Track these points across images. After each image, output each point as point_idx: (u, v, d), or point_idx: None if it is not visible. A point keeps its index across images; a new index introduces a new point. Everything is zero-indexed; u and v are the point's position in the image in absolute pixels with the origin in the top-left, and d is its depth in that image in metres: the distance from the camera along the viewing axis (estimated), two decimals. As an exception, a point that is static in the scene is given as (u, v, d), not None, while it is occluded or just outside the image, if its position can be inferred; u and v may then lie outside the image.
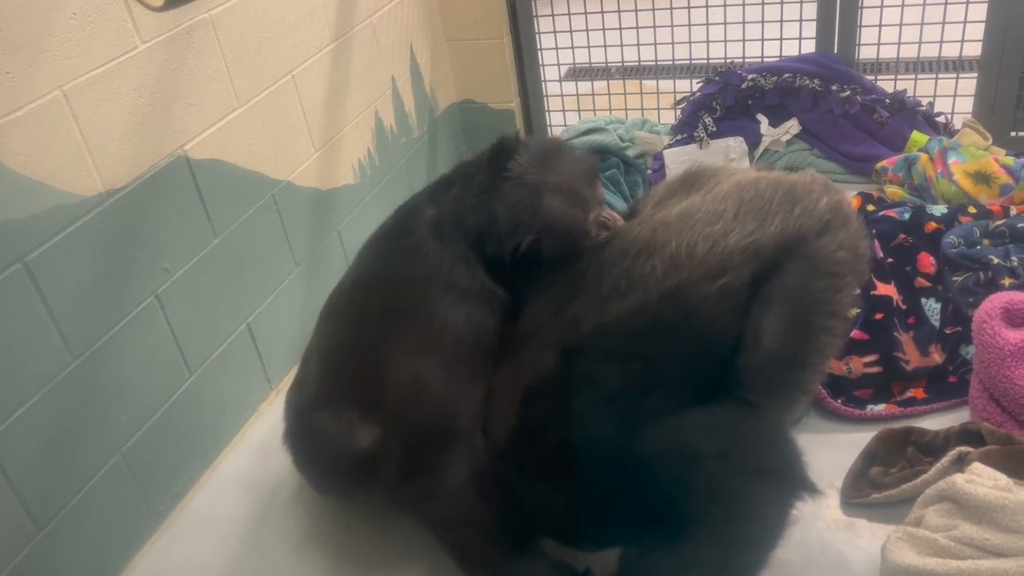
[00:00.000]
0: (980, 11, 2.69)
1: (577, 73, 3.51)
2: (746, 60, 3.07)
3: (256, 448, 2.10)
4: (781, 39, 3.00)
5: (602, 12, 3.09)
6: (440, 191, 1.76)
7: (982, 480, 1.46)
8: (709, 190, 1.46)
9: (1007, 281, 2.03)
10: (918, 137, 2.70)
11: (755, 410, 1.38)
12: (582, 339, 1.40)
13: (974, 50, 2.81)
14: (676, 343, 1.37)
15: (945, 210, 2.30)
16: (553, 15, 3.16)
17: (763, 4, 2.94)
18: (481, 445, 1.54)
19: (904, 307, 2.05)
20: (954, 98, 2.87)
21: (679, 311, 1.34)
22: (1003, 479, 1.48)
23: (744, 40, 3.04)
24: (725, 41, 3.05)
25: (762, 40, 3.02)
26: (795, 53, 3.00)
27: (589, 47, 3.19)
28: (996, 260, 2.07)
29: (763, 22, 2.97)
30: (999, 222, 2.20)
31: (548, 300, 1.53)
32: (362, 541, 1.80)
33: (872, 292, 2.03)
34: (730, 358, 1.36)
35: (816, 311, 1.37)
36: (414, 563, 1.71)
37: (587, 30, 3.15)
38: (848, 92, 2.82)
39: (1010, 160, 2.46)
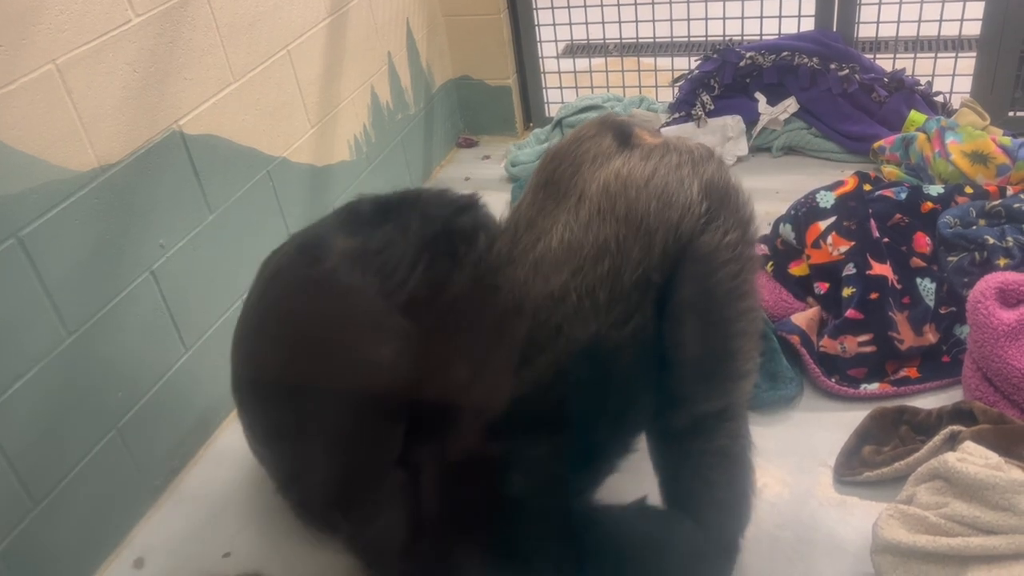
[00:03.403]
0: (980, -10, 2.69)
1: (575, 50, 3.49)
2: (744, 38, 3.06)
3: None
4: (780, 16, 2.99)
5: (600, -12, 3.07)
6: (355, 223, 1.65)
7: (973, 459, 1.47)
8: (578, 207, 1.34)
9: (1002, 261, 2.03)
10: (916, 117, 2.69)
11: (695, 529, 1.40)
12: (503, 414, 1.34)
13: (973, 29, 2.80)
14: (597, 391, 1.34)
15: (942, 190, 2.30)
16: (551, -9, 3.15)
17: (762, -19, 2.92)
18: (398, 484, 1.48)
19: (899, 287, 2.06)
20: (952, 77, 2.86)
21: (597, 364, 1.30)
22: (994, 458, 1.49)
23: (743, 17, 3.02)
24: (724, 18, 3.04)
25: (761, 17, 3.01)
26: (794, 31, 2.99)
27: (587, 23, 3.17)
28: (992, 240, 2.08)
29: (762, -1, 2.96)
30: (995, 202, 2.20)
31: (458, 361, 1.42)
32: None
33: (867, 272, 2.03)
34: (660, 378, 1.34)
35: (724, 303, 1.33)
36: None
37: (585, 6, 3.13)
38: (846, 71, 2.81)
39: (1007, 140, 2.45)
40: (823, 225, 2.14)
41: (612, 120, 1.46)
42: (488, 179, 3.04)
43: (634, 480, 1.49)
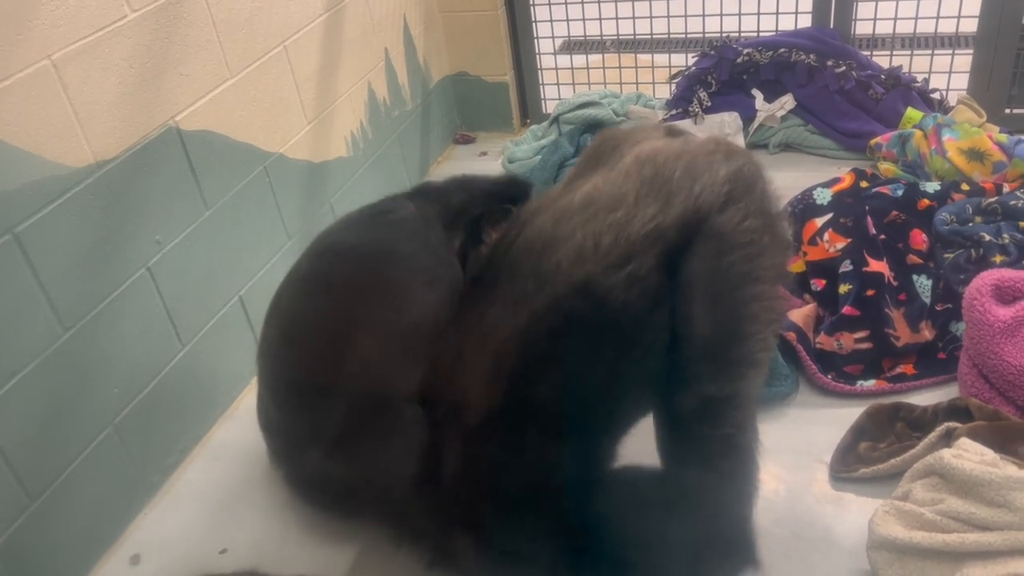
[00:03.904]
0: (977, -13, 2.69)
1: (572, 46, 3.48)
2: (742, 34, 3.06)
3: (249, 420, 2.09)
4: (777, 13, 2.98)
5: (597, -16, 3.07)
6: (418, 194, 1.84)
7: (969, 455, 1.48)
8: (612, 167, 1.42)
9: (998, 258, 2.03)
10: (913, 114, 2.69)
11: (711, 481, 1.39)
12: (501, 346, 1.36)
13: (970, 26, 2.80)
14: (591, 338, 1.34)
15: (938, 187, 2.30)
16: (548, -13, 3.14)
17: (759, -22, 2.92)
18: (418, 419, 1.53)
19: (896, 284, 2.06)
20: (949, 75, 2.87)
21: (589, 304, 1.32)
22: (990, 454, 1.49)
23: (740, 14, 3.02)
24: (721, 15, 3.04)
25: (758, 14, 3.00)
26: (791, 28, 2.99)
27: (584, 20, 3.17)
28: (988, 237, 2.08)
29: (759, -4, 2.95)
30: (991, 199, 2.21)
31: (468, 304, 1.50)
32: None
33: (864, 269, 2.03)
34: (669, 355, 1.35)
35: (737, 283, 1.34)
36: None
37: (582, 2, 3.13)
38: (843, 68, 2.81)
39: (1004, 137, 2.46)
40: (820, 222, 2.15)
41: (669, 124, 1.55)
42: (483, 174, 3.04)
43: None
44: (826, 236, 2.12)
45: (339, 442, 1.57)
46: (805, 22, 2.98)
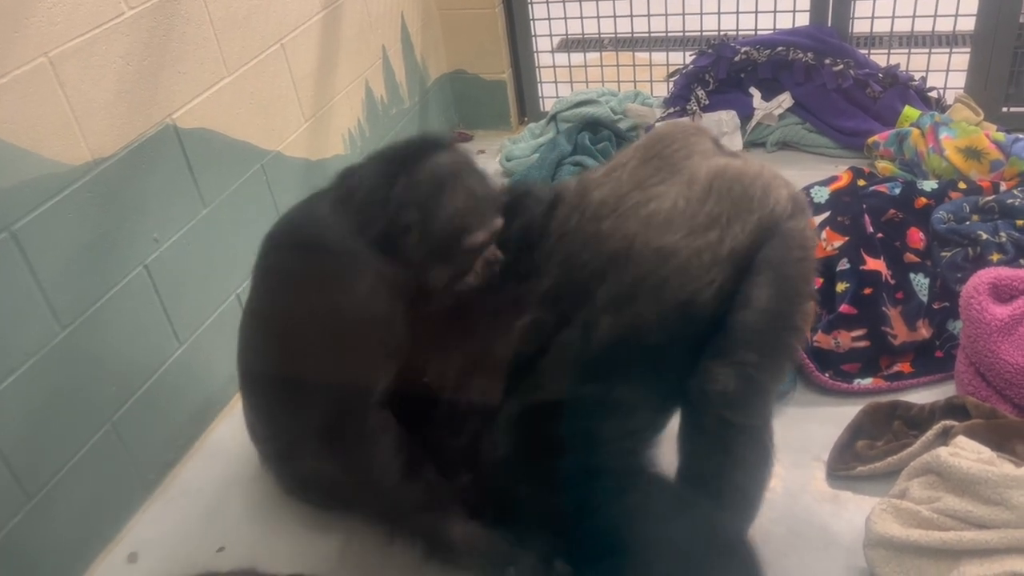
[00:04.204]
0: (974, -14, 2.69)
1: (570, 44, 3.48)
2: (739, 33, 3.06)
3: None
4: (775, 12, 2.99)
5: (595, -18, 3.07)
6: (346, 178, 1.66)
7: (966, 453, 1.48)
8: (691, 184, 1.48)
9: (995, 257, 2.04)
10: (910, 112, 2.69)
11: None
12: (598, 345, 1.43)
13: (968, 25, 2.80)
14: (684, 345, 1.43)
15: (935, 185, 2.30)
16: (546, -15, 3.14)
17: (757, -24, 2.92)
18: (391, 420, 1.56)
19: (893, 282, 2.06)
20: (947, 73, 2.87)
21: (689, 317, 1.41)
22: (987, 452, 1.49)
23: (738, 12, 3.02)
24: (719, 13, 3.03)
25: (756, 12, 3.01)
26: (789, 26, 2.98)
27: (582, 18, 3.17)
28: (985, 236, 2.08)
29: (757, -6, 2.95)
30: (989, 198, 2.21)
31: (533, 280, 1.54)
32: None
33: (861, 267, 2.04)
34: (721, 322, 1.42)
35: (799, 278, 1.46)
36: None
37: (580, 0, 3.13)
38: (841, 66, 2.81)
39: (1001, 136, 2.46)
40: (817, 220, 2.15)
41: (707, 129, 1.73)
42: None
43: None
44: (824, 234, 2.12)
45: (318, 440, 1.57)
46: (803, 20, 2.98)
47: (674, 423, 1.52)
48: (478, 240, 1.53)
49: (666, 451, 1.54)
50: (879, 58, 2.92)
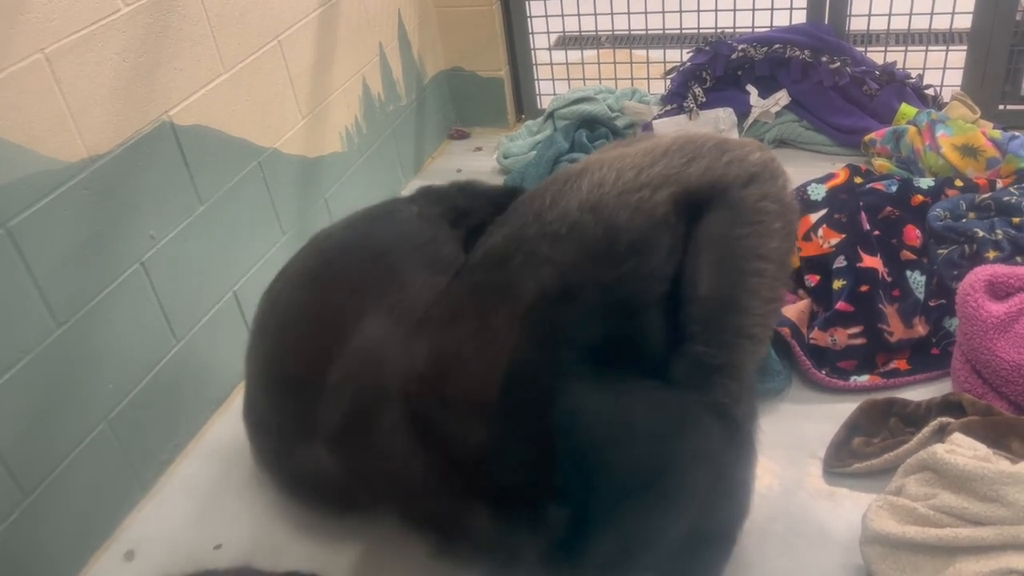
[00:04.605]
0: (971, -17, 2.69)
1: (567, 42, 3.48)
2: (736, 30, 3.06)
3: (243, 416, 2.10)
4: (772, 9, 2.99)
5: (592, -20, 3.07)
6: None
7: (962, 450, 1.49)
8: (651, 146, 1.50)
9: (992, 254, 2.04)
10: (907, 110, 2.70)
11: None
12: (505, 246, 1.43)
13: (964, 22, 2.81)
14: (590, 251, 1.39)
15: (932, 183, 2.31)
16: (543, -18, 3.13)
17: (754, -27, 2.92)
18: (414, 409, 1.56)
19: (889, 279, 2.07)
20: (943, 71, 2.87)
21: (594, 219, 1.38)
22: (983, 449, 1.50)
23: (735, 10, 3.02)
24: (716, 11, 3.04)
25: (753, 10, 3.01)
26: (786, 23, 2.98)
27: (579, 15, 3.17)
28: (981, 233, 2.08)
29: (754, -9, 2.95)
30: (985, 195, 2.21)
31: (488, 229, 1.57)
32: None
33: (858, 264, 2.04)
34: (669, 310, 1.39)
35: (742, 255, 1.40)
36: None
37: (577, -2, 3.13)
38: (838, 63, 2.81)
39: (998, 133, 2.46)
40: (814, 218, 2.15)
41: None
42: (480, 171, 3.03)
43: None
44: (820, 232, 2.12)
45: (336, 437, 1.57)
46: (800, 18, 2.98)
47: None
48: None
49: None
50: (876, 55, 2.92)
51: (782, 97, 2.89)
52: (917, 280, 2.08)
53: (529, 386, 1.39)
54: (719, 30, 3.05)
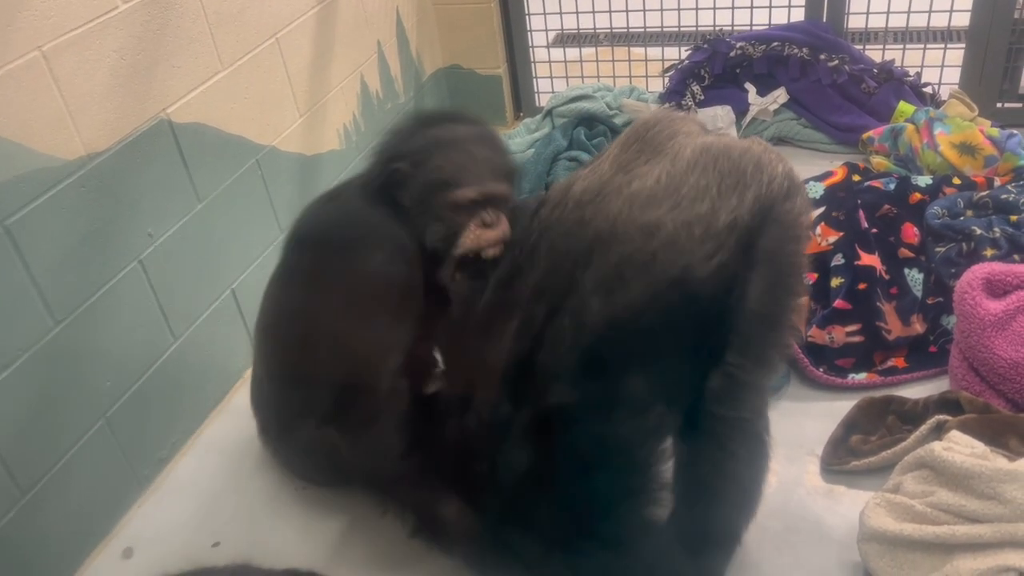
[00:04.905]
0: (969, -19, 2.69)
1: (565, 39, 3.48)
2: (735, 28, 3.06)
3: (241, 414, 2.09)
4: (770, 7, 2.99)
5: (591, -23, 3.06)
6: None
7: (959, 448, 1.49)
8: (675, 161, 1.46)
9: (989, 252, 2.04)
10: (905, 107, 2.70)
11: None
12: (590, 332, 1.39)
13: (962, 20, 2.81)
14: (684, 325, 1.40)
15: (930, 181, 2.31)
16: (541, -20, 3.13)
17: (753, -29, 2.92)
18: (404, 392, 1.57)
19: (887, 277, 2.07)
20: (941, 69, 2.87)
21: (685, 294, 1.37)
22: (980, 447, 1.50)
23: (733, 7, 3.02)
24: (714, 8, 3.04)
25: (751, 8, 3.00)
26: (784, 21, 2.98)
27: (577, 13, 3.17)
28: (979, 231, 2.09)
29: (752, -11, 2.95)
30: (983, 193, 2.21)
31: (521, 278, 1.51)
32: (346, 505, 1.82)
33: (856, 262, 2.04)
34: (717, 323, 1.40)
35: (790, 272, 1.43)
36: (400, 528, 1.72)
37: (575, -5, 3.12)
38: (836, 61, 2.81)
39: (995, 131, 2.47)
40: (812, 215, 2.15)
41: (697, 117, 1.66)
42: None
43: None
44: (818, 230, 2.13)
45: (331, 416, 1.59)
46: (798, 15, 2.98)
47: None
48: (464, 196, 1.54)
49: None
50: (874, 53, 2.92)
51: (780, 95, 2.89)
52: (915, 278, 2.08)
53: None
54: (717, 28, 3.05)
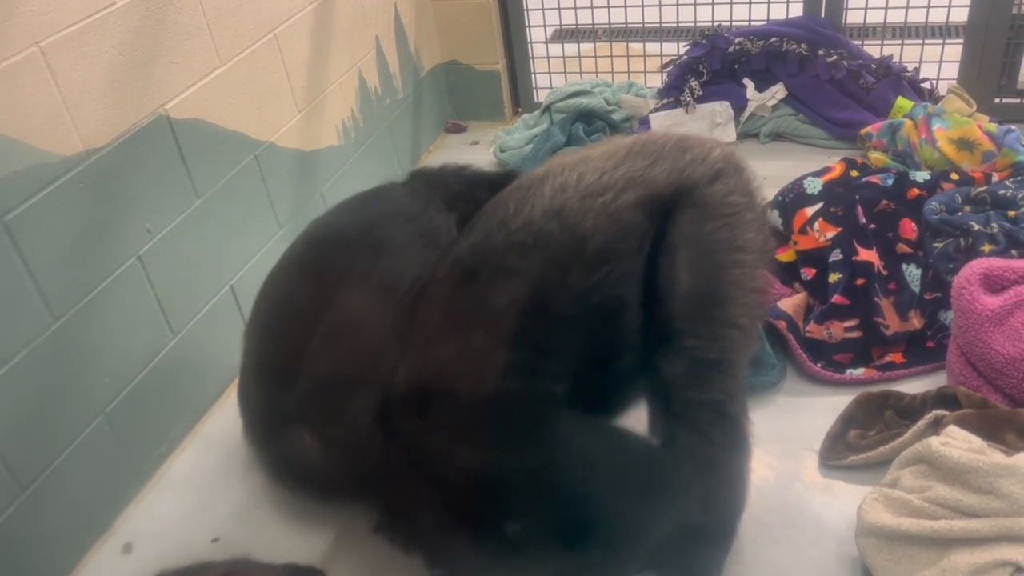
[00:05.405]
0: (967, -23, 2.69)
1: (564, 35, 3.48)
2: (733, 23, 3.06)
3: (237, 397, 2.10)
4: (769, 2, 2.99)
5: (589, -27, 3.06)
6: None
7: (957, 443, 1.49)
8: (616, 146, 1.50)
9: (987, 247, 2.04)
10: (903, 103, 2.70)
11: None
12: (473, 260, 1.42)
13: (960, 16, 2.81)
14: (559, 260, 1.39)
15: (928, 176, 2.31)
16: (540, -25, 3.13)
17: (751, -34, 2.92)
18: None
19: (885, 273, 2.07)
20: (940, 64, 2.87)
21: (560, 226, 1.38)
22: (977, 442, 1.50)
23: (732, 3, 3.02)
24: (712, 3, 3.04)
25: (750, 3, 3.01)
26: (782, 16, 2.99)
27: (576, 8, 3.17)
28: (977, 226, 2.09)
29: (751, -15, 2.95)
30: (981, 189, 2.21)
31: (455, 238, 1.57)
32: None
33: (854, 258, 2.04)
34: (652, 310, 1.40)
35: (718, 248, 1.42)
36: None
37: (574, -9, 3.12)
38: (835, 57, 2.81)
39: (993, 127, 2.47)
40: (810, 211, 2.15)
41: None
42: (477, 165, 3.03)
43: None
44: (816, 225, 2.13)
45: (318, 423, 1.58)
46: (797, 11, 2.98)
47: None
48: None
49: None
50: (872, 49, 2.93)
51: (779, 91, 2.89)
52: (913, 273, 2.08)
53: (513, 415, 1.38)
54: (716, 23, 3.04)
